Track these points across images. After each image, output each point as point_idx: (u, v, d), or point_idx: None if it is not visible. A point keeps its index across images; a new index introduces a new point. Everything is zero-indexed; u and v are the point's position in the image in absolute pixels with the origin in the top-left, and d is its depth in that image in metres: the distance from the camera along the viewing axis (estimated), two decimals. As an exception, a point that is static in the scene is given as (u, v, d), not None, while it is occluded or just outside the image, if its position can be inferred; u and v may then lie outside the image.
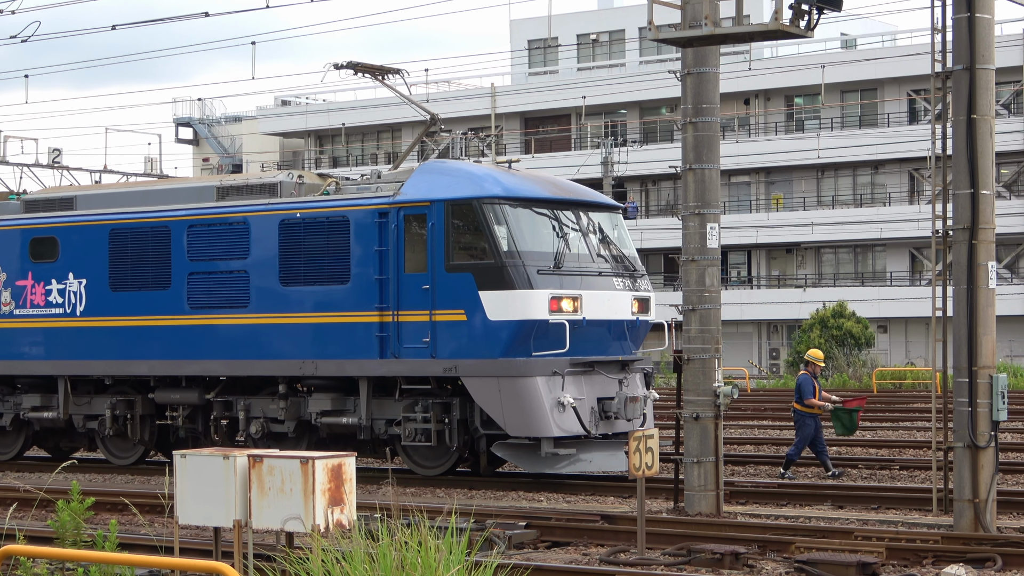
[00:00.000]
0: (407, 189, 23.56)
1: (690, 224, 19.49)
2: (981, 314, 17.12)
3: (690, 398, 19.50)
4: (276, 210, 24.62)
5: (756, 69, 69.93)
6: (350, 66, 25.68)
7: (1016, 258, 71.44)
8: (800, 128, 77.65)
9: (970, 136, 17.11)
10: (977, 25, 17.08)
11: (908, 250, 73.89)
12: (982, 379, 17.14)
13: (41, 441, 28.69)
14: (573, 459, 22.78)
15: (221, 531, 14.11)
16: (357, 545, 11.37)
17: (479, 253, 22.86)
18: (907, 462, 25.19)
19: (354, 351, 23.71)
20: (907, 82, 73.01)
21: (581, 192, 24.67)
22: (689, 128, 19.44)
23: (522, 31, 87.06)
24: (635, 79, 77.84)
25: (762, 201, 77.54)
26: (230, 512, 13.32)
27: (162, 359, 25.69)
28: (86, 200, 27.22)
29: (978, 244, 17.11)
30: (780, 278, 77.64)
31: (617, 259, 24.19)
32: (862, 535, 16.78)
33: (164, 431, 26.74)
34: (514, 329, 22.44)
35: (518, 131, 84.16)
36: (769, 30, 15.75)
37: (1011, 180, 71.91)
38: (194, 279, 25.37)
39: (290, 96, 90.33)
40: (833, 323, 60.17)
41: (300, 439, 24.79)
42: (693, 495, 19.42)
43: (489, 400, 22.57)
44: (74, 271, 26.82)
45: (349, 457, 13.24)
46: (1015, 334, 67.81)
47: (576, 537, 17.47)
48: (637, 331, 24.19)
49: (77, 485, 14.49)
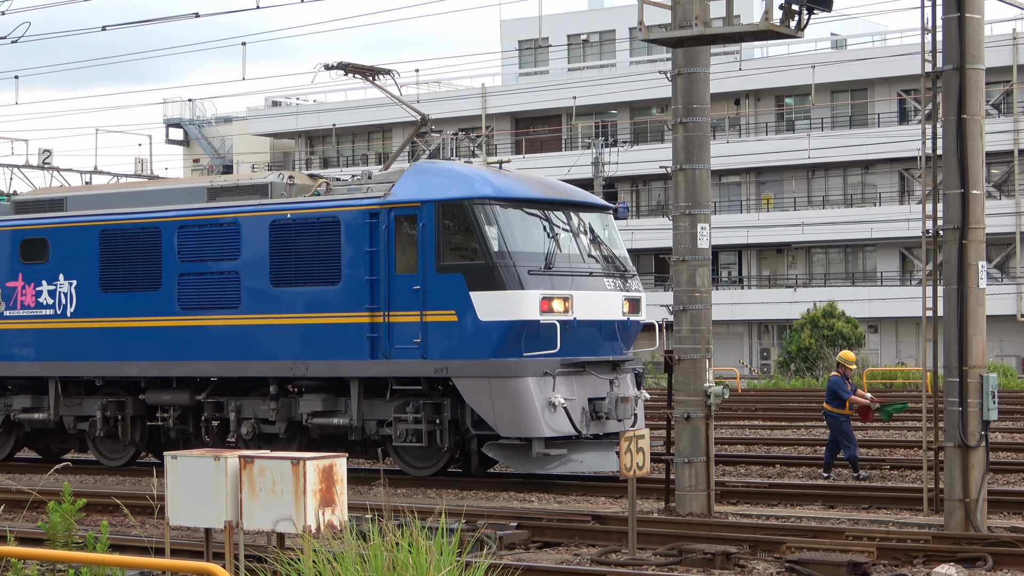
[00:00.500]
0: (398, 190, 23.55)
1: (680, 224, 19.50)
2: (971, 314, 17.13)
3: (681, 398, 19.51)
4: (267, 211, 24.61)
5: (746, 69, 69.96)
6: (341, 67, 25.68)
7: (1006, 258, 71.53)
8: (790, 128, 77.70)
9: (960, 136, 17.13)
10: (967, 25, 17.10)
11: (898, 250, 73.96)
12: (972, 379, 17.16)
13: (32, 442, 28.66)
14: (564, 459, 22.78)
15: (212, 532, 14.11)
16: (348, 546, 11.38)
17: (470, 253, 22.86)
18: (898, 462, 25.21)
19: (345, 352, 23.70)
20: (897, 82, 73.08)
21: (572, 192, 24.68)
22: (679, 128, 19.44)
23: (513, 31, 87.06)
24: (626, 79, 77.87)
25: (752, 201, 77.58)
26: (221, 513, 13.32)
27: (153, 360, 25.66)
28: (76, 201, 27.19)
29: (968, 244, 17.12)
30: (771, 278, 77.69)
31: (608, 259, 24.19)
32: (853, 535, 16.79)
33: (155, 432, 26.72)
34: (505, 329, 22.44)
35: (509, 131, 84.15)
36: (759, 30, 15.77)
37: (1001, 180, 72.00)
38: (185, 280, 25.36)
39: (281, 97, 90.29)
40: (824, 323, 60.22)
41: (291, 440, 24.78)
42: (684, 495, 19.43)
43: (480, 400, 22.57)
44: (64, 272, 26.79)
45: (340, 458, 13.24)
46: (1005, 334, 67.90)
47: (567, 537, 17.47)
48: (628, 331, 24.20)
49: (68, 486, 14.49)
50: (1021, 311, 69.49)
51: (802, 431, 33.58)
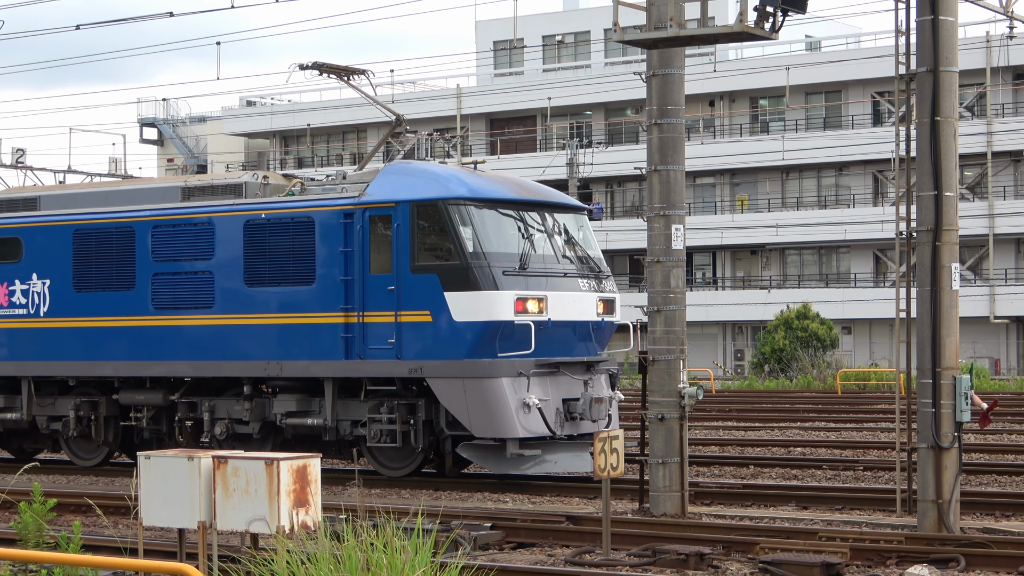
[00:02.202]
0: (372, 190, 23.54)
1: (655, 225, 19.52)
2: (944, 315, 17.19)
3: (655, 399, 19.53)
4: (241, 211, 24.57)
5: (721, 71, 70.13)
6: (315, 67, 25.64)
7: (979, 260, 71.80)
8: (765, 130, 77.89)
9: (934, 138, 17.18)
10: (941, 28, 17.15)
11: (872, 252, 74.19)
12: (945, 380, 17.21)
13: (4, 442, 28.55)
14: (538, 460, 22.78)
15: (185, 532, 14.08)
16: (322, 546, 11.36)
17: (444, 254, 22.85)
18: (871, 463, 25.28)
19: (319, 352, 23.67)
20: (871, 84, 73.33)
21: (546, 193, 24.69)
22: (654, 129, 19.46)
23: (488, 32, 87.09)
24: (600, 80, 77.97)
25: (727, 202, 77.73)
26: (194, 513, 13.29)
27: (126, 360, 25.59)
28: (50, 200, 27.11)
29: (941, 246, 17.18)
30: (745, 279, 77.85)
31: (582, 260, 24.21)
32: (826, 536, 16.83)
33: (128, 432, 26.64)
34: (479, 330, 22.44)
35: (484, 132, 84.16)
36: (734, 32, 15.80)
37: (974, 182, 72.26)
38: (159, 280, 25.29)
39: (255, 96, 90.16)
40: (798, 324, 60.35)
41: (265, 440, 24.74)
42: (658, 496, 19.45)
43: (454, 401, 22.57)
44: (38, 272, 26.70)
45: (314, 458, 13.22)
46: (978, 336, 68.16)
47: (541, 538, 17.47)
48: (602, 332, 24.22)
49: (39, 487, 14.44)
50: (994, 313, 69.75)
51: (776, 432, 33.65)
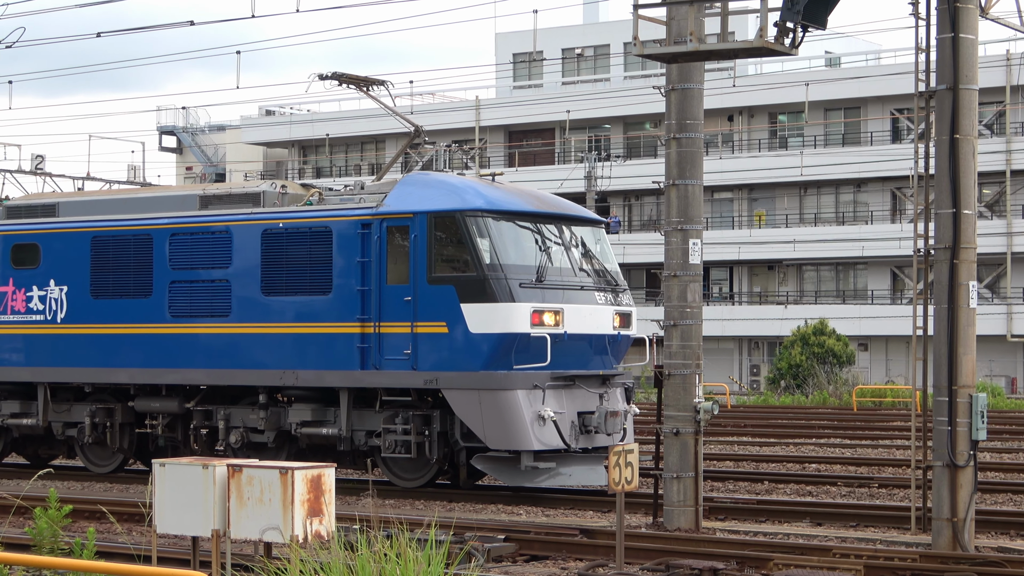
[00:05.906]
0: (390, 201, 23.55)
1: (672, 239, 19.51)
2: (962, 333, 17.15)
3: (670, 413, 19.51)
4: (258, 220, 24.60)
5: (740, 86, 70.09)
6: (335, 77, 25.69)
7: (997, 278, 71.62)
8: (783, 145, 77.80)
9: (953, 156, 17.15)
10: (961, 45, 17.13)
11: (889, 268, 74.05)
12: (962, 398, 17.16)
13: (20, 448, 28.60)
14: (553, 473, 22.77)
15: (199, 540, 14.09)
16: (336, 556, 11.36)
17: (461, 266, 22.86)
18: (886, 480, 25.22)
19: (335, 362, 23.67)
20: (890, 101, 73.22)
21: (564, 206, 24.69)
22: (673, 144, 19.46)
23: (507, 45, 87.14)
24: (619, 94, 77.95)
25: (744, 218, 77.66)
26: (208, 521, 13.30)
27: (142, 367, 25.64)
28: (68, 207, 27.17)
29: (959, 263, 17.14)
30: (761, 295, 77.74)
31: (599, 273, 24.20)
32: (840, 552, 16.78)
33: (143, 440, 26.68)
34: (495, 342, 22.44)
35: (502, 144, 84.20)
36: (754, 47, 15.79)
37: (993, 200, 72.12)
38: (175, 287, 25.33)
39: (274, 106, 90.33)
40: (814, 340, 60.28)
41: (280, 449, 24.75)
42: (672, 510, 19.42)
43: (469, 413, 22.55)
44: (55, 278, 26.77)
45: (329, 468, 13.22)
46: (995, 354, 67.98)
47: (555, 551, 17.45)
48: (618, 345, 24.20)
49: (55, 492, 14.47)
50: (1011, 331, 69.58)
51: (791, 448, 33.59)
